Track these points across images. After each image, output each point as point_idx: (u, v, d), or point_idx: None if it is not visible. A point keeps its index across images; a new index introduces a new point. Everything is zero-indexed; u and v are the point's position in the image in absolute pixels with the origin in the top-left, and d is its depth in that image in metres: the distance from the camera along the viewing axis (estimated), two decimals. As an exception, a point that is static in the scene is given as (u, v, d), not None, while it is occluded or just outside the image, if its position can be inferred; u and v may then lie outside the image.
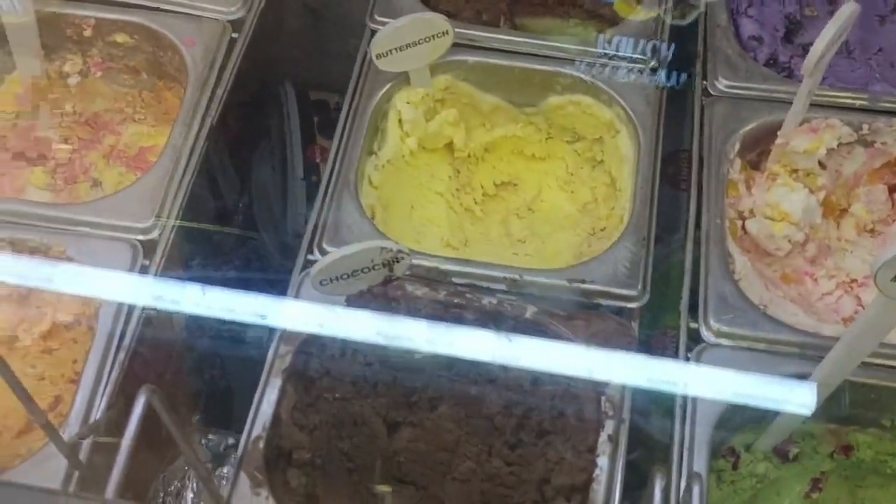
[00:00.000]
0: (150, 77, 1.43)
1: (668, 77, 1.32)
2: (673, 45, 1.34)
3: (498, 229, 1.38)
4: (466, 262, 1.18)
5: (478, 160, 1.40)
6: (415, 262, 1.15)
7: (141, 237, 1.19)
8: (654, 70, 1.33)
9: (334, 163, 1.26)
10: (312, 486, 1.10)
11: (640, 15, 1.41)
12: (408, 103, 1.32)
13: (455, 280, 1.17)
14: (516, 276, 1.16)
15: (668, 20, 1.38)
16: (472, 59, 1.33)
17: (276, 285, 1.45)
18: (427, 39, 1.27)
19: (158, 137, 1.48)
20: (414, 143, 1.34)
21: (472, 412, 1.16)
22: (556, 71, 1.33)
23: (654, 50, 1.34)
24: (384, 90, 1.31)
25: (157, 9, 1.37)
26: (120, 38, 1.39)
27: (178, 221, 1.22)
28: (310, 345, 1.14)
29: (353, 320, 1.10)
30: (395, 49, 1.27)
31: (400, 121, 1.33)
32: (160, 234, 1.20)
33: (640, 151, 1.26)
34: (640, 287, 1.15)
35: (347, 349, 1.15)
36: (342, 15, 1.80)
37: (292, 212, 1.83)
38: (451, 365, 1.16)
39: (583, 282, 1.15)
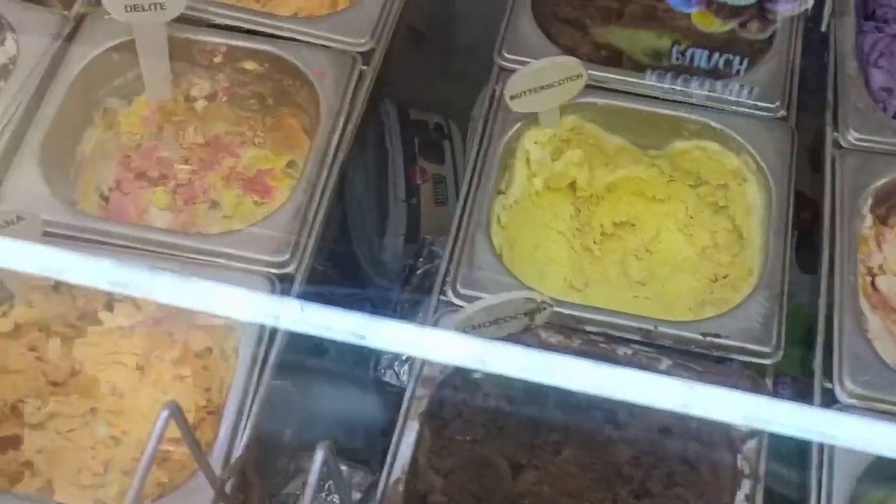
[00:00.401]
0: (275, 104, 1.44)
1: (798, 126, 1.33)
2: (802, 93, 1.34)
3: (616, 269, 1.38)
4: (599, 310, 1.19)
5: (598, 200, 1.41)
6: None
7: (276, 270, 1.21)
8: (783, 118, 1.33)
9: (465, 201, 1.27)
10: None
11: (716, 27, 1.41)
12: (536, 143, 1.33)
13: (588, 328, 1.18)
14: (651, 328, 1.16)
15: (797, 58, 1.38)
16: (601, 101, 1.34)
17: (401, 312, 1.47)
18: (561, 82, 1.28)
19: (277, 161, 1.50)
20: (540, 182, 1.35)
21: (598, 458, 1.17)
22: (684, 116, 1.33)
23: (784, 97, 1.34)
24: (514, 129, 1.32)
25: (289, 38, 1.39)
26: (249, 65, 1.40)
27: (312, 255, 1.24)
28: (445, 387, 1.15)
29: (496, 358, 1.11)
30: (529, 91, 1.28)
31: (528, 160, 1.34)
32: (296, 269, 1.22)
33: (770, 202, 1.27)
34: (774, 343, 1.15)
35: (479, 392, 1.17)
36: (457, 41, 1.82)
37: (392, 234, 1.84)
38: (580, 407, 1.17)
39: (717, 336, 1.16)
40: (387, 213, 1.85)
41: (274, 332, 1.17)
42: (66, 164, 1.36)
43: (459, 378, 1.16)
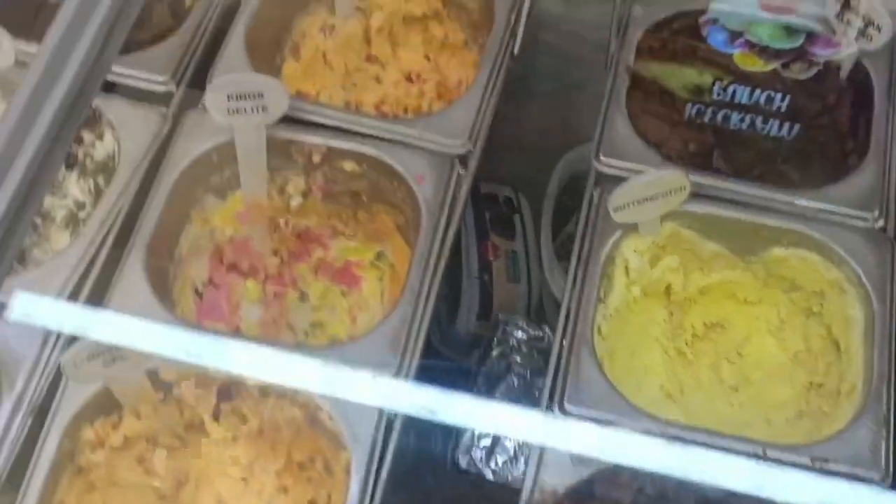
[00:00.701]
0: (369, 200, 1.45)
1: (896, 237, 1.33)
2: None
3: (708, 374, 1.39)
4: (708, 432, 1.20)
5: (691, 303, 1.41)
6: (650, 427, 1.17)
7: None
8: (882, 229, 1.34)
9: (568, 311, 1.28)
10: None
11: (759, 67, 1.43)
12: (635, 251, 1.34)
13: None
14: (759, 451, 1.17)
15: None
16: (700, 209, 1.35)
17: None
18: (665, 194, 1.29)
19: (365, 252, 1.52)
20: (638, 290, 1.35)
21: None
22: (784, 227, 1.34)
23: (882, 207, 1.35)
24: (613, 239, 1.33)
25: (389, 140, 1.40)
26: (348, 165, 1.41)
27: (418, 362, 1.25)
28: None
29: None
30: (633, 203, 1.29)
31: (626, 269, 1.34)
32: (406, 376, 1.23)
33: (870, 317, 1.27)
34: (883, 470, 1.16)
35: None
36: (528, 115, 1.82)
37: (465, 310, 1.85)
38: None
39: (825, 461, 1.16)
40: (459, 289, 1.85)
41: (384, 445, 1.19)
42: (167, 265, 1.37)
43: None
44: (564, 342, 1.26)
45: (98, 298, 1.28)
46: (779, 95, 1.45)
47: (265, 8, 1.53)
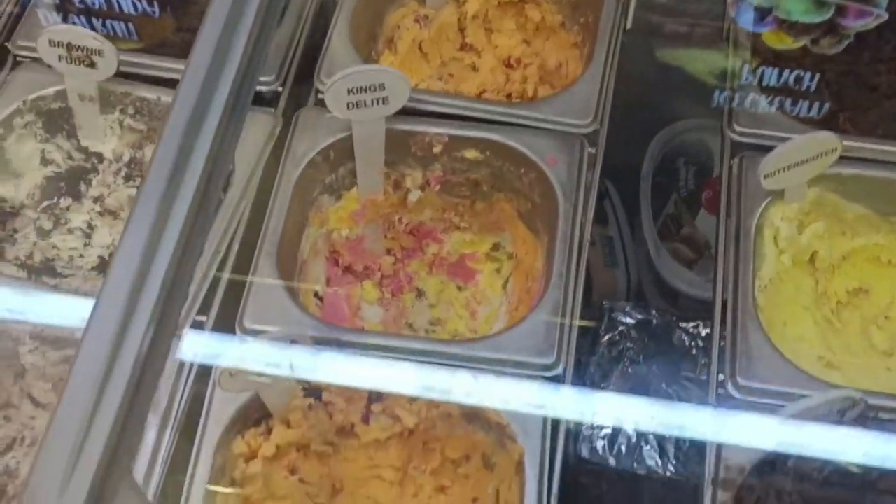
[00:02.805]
0: (489, 189, 1.40)
1: None
2: None
3: (859, 341, 1.34)
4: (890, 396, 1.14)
5: (834, 269, 1.36)
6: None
7: (545, 374, 1.17)
8: None
9: (723, 285, 1.23)
10: None
11: (788, 44, 1.38)
12: (783, 219, 1.29)
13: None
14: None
15: None
16: (846, 171, 1.29)
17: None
18: (814, 157, 1.24)
19: (480, 245, 1.47)
20: (788, 259, 1.30)
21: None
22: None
23: None
24: (760, 208, 1.28)
25: (513, 124, 1.35)
26: (470, 154, 1.36)
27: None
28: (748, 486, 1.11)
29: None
30: (783, 169, 1.24)
31: (776, 238, 1.29)
32: (563, 371, 1.17)
33: None
34: None
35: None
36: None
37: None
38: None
39: None
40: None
41: (554, 437, 1.13)
42: (293, 269, 1.32)
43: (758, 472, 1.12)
44: (727, 319, 1.20)
45: (230, 310, 1.22)
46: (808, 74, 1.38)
47: (361, 1, 1.48)
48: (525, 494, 1.09)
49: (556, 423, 1.13)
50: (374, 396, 1.20)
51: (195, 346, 1.18)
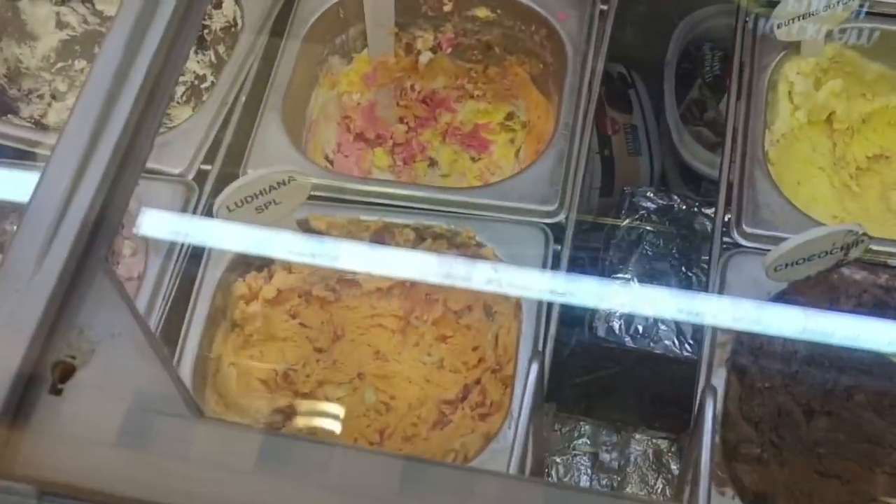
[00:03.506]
0: (501, 52, 1.38)
1: None
2: None
3: (878, 205, 1.30)
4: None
5: (853, 132, 1.32)
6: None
7: (548, 220, 1.15)
8: None
9: (734, 139, 1.20)
10: (759, 483, 1.05)
11: None
12: (798, 74, 1.25)
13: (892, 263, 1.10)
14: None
15: None
16: (868, 25, 1.25)
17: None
18: (828, 7, 1.20)
19: (495, 114, 1.45)
20: (803, 115, 1.27)
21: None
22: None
23: None
24: (776, 61, 1.24)
25: (524, -19, 1.32)
26: (481, 12, 1.34)
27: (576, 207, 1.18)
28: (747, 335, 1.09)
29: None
30: (797, 18, 1.20)
31: (790, 93, 1.26)
32: (566, 218, 1.16)
33: None
34: None
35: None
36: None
37: (586, 188, 1.77)
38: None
39: None
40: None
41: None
42: (300, 127, 1.31)
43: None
44: (735, 169, 1.17)
45: (233, 163, 1.22)
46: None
47: None
48: (521, 334, 1.08)
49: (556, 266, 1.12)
50: (377, 243, 1.19)
51: (197, 195, 1.18)
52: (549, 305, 1.10)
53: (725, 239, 1.14)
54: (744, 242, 1.13)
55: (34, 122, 1.35)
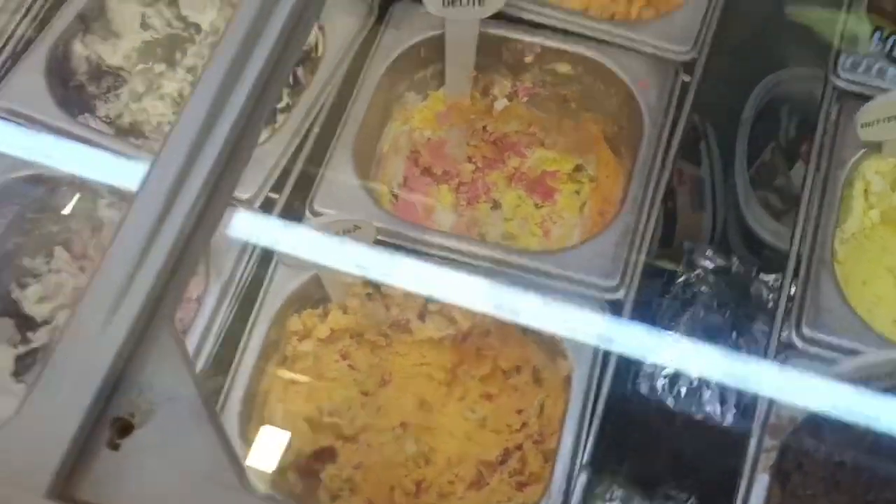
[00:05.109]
0: (577, 108, 1.38)
1: None
2: None
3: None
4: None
5: (922, 231, 1.31)
6: None
7: (608, 296, 1.15)
8: None
9: (804, 234, 1.19)
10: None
11: None
12: (876, 173, 1.24)
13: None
14: None
15: None
16: (951, 129, 1.23)
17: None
18: (919, 110, 1.18)
19: (563, 163, 1.44)
20: (877, 215, 1.25)
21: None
22: None
23: None
24: (854, 159, 1.23)
25: (608, 42, 1.31)
26: (562, 67, 1.33)
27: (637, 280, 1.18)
28: (793, 437, 1.08)
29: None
30: (883, 119, 1.18)
31: (866, 192, 1.24)
32: (625, 295, 1.16)
33: None
34: None
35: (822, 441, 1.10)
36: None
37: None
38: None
39: None
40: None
41: (605, 358, 1.12)
42: (370, 160, 1.32)
43: (807, 428, 1.09)
44: (802, 266, 1.16)
45: (303, 191, 1.23)
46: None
47: None
48: (568, 411, 1.08)
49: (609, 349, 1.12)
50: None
51: (263, 223, 1.20)
52: (600, 379, 1.11)
53: (783, 334, 1.14)
54: (800, 344, 1.12)
55: (110, 122, 1.36)
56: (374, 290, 1.19)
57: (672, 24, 1.32)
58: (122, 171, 1.23)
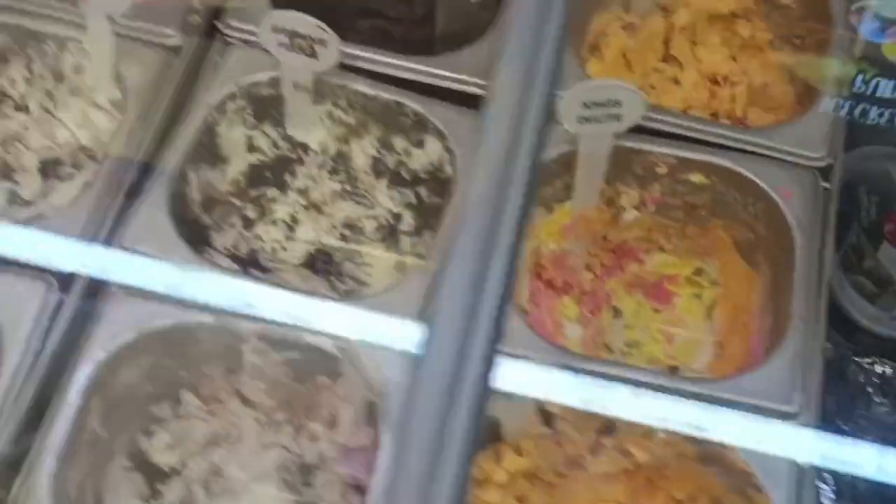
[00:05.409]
0: (707, 214, 1.36)
1: None
2: None
3: None
4: None
5: None
6: None
7: (788, 423, 1.13)
8: None
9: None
10: None
11: None
12: None
13: None
14: None
15: None
16: None
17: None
18: None
19: (682, 267, 1.42)
20: None
21: None
22: None
23: None
24: None
25: (744, 151, 1.30)
26: (695, 177, 1.32)
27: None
28: None
29: None
30: None
31: None
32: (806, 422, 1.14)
33: None
34: None
35: None
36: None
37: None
38: None
39: None
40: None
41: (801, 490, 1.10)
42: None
43: None
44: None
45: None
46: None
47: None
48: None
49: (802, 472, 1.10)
50: (605, 429, 1.16)
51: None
52: None
53: None
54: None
55: (230, 255, 1.31)
56: (548, 428, 1.15)
57: (805, 129, 1.32)
58: (265, 308, 1.17)
